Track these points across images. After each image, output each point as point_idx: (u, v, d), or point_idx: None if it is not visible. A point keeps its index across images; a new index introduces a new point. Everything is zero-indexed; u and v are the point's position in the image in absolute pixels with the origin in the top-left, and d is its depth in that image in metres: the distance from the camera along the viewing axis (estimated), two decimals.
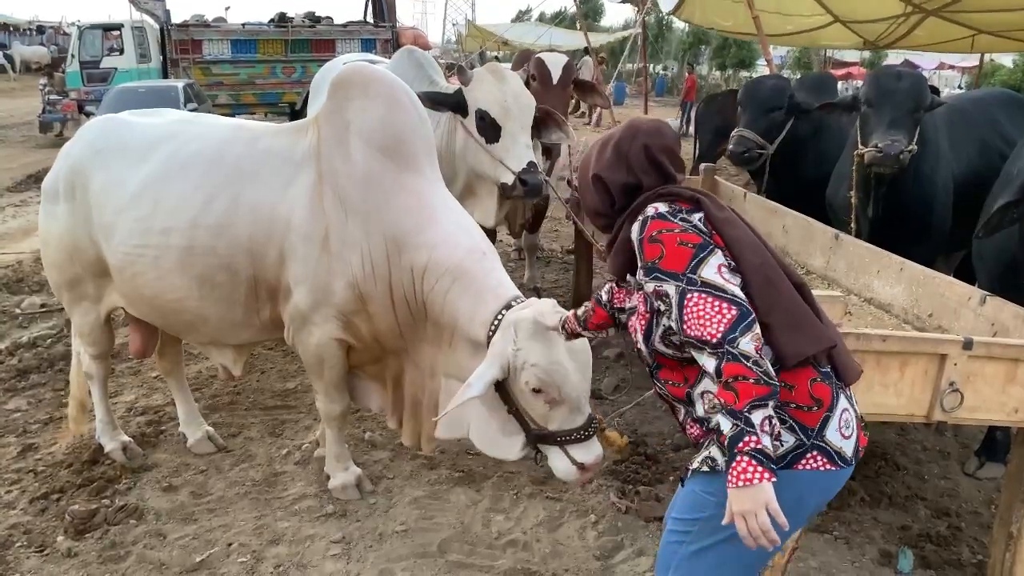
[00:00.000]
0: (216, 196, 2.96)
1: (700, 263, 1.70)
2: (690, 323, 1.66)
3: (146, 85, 13.46)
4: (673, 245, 1.73)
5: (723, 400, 1.60)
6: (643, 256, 1.77)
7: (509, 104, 3.78)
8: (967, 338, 2.42)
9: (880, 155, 3.66)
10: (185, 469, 3.54)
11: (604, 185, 1.94)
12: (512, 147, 3.74)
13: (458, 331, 2.74)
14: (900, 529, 3.15)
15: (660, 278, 1.73)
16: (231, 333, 3.16)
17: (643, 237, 1.77)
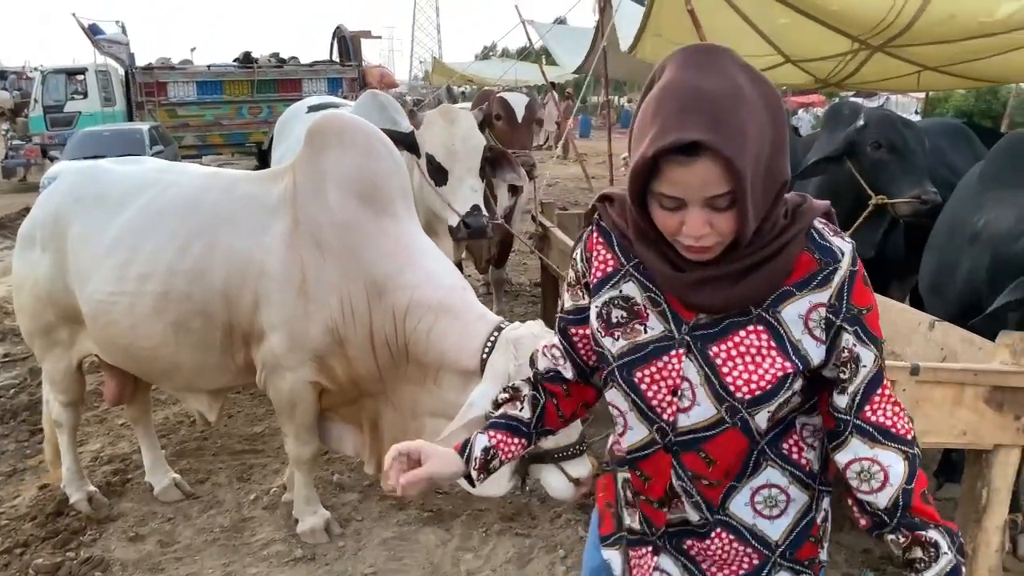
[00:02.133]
0: (192, 242, 3.00)
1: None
2: (882, 407, 1.29)
3: (111, 129, 13.44)
4: (876, 304, 1.31)
5: (927, 516, 1.29)
6: (850, 296, 1.27)
7: (456, 147, 3.87)
8: (914, 364, 2.50)
9: (925, 207, 3.65)
10: (152, 518, 3.51)
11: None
12: (458, 190, 3.83)
13: (445, 367, 2.79)
14: (862, 552, 3.21)
15: (862, 337, 1.28)
16: (207, 378, 3.17)
17: (857, 270, 1.28)
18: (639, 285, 1.37)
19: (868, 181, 3.82)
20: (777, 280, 1.27)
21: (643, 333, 1.36)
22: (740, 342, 1.29)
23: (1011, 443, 2.60)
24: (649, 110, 1.20)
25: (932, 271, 3.52)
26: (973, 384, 2.54)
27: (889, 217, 3.92)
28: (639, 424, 1.39)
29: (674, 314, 1.34)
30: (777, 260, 1.26)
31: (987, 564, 2.69)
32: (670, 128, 1.15)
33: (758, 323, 1.29)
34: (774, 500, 1.39)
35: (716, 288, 1.28)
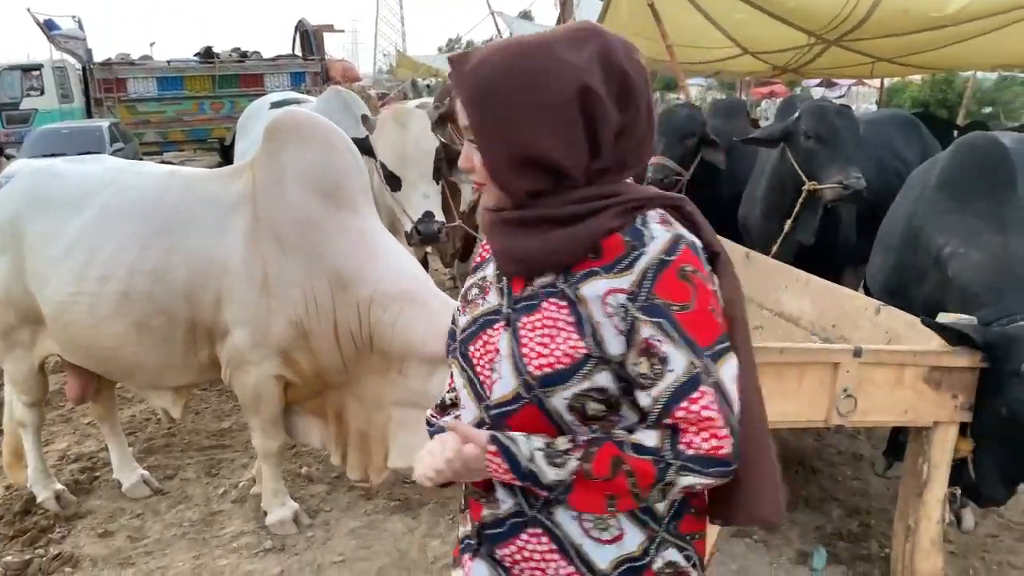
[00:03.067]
0: (152, 243, 3.02)
1: (722, 355, 1.21)
2: (688, 423, 1.19)
3: (69, 126, 13.25)
4: (705, 306, 1.20)
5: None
6: (654, 285, 1.19)
7: (408, 153, 3.87)
8: (857, 347, 2.63)
9: (847, 192, 3.79)
10: (121, 514, 3.54)
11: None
12: (411, 196, 3.86)
13: (410, 356, 2.86)
14: (815, 529, 3.34)
15: (669, 334, 1.18)
16: (170, 376, 3.20)
17: (671, 261, 1.19)
18: (495, 264, 1.34)
19: (803, 169, 3.99)
20: (576, 248, 1.23)
21: (479, 307, 1.34)
22: (543, 316, 1.24)
23: (949, 420, 2.73)
24: None
25: (888, 273, 3.57)
26: (913, 365, 2.67)
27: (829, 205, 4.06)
28: (471, 403, 1.34)
29: (508, 289, 1.31)
30: (577, 227, 1.22)
31: (929, 536, 2.83)
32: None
33: (562, 299, 1.23)
34: (604, 522, 1.26)
35: (503, 234, 1.29)
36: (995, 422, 2.63)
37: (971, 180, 3.19)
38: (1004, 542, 3.31)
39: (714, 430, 1.18)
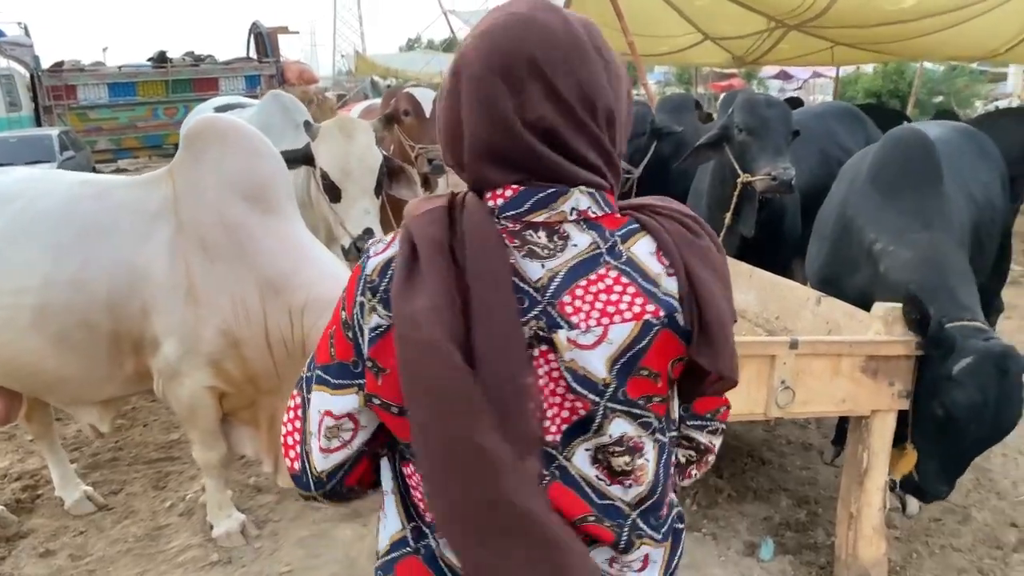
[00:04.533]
0: (69, 253, 2.93)
1: (312, 383, 1.16)
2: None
3: (17, 135, 12.93)
4: (327, 327, 1.18)
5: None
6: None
7: (351, 166, 3.71)
8: (793, 339, 2.65)
9: (776, 183, 3.80)
10: (64, 532, 3.46)
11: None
12: (351, 210, 3.69)
13: None
14: (763, 520, 3.36)
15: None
16: (94, 390, 3.12)
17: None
18: None
19: (738, 162, 4.03)
20: None
21: None
22: None
23: (887, 408, 2.77)
24: None
25: (823, 263, 3.62)
26: (849, 355, 2.70)
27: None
28: None
29: None
30: None
31: (871, 523, 2.87)
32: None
33: None
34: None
35: None
36: (932, 423, 2.68)
37: (898, 174, 3.25)
38: (947, 525, 3.37)
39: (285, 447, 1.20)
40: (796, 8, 8.50)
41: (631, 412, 1.07)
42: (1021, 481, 3.75)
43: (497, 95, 1.02)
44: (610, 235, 1.06)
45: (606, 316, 1.03)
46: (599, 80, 1.05)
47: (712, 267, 1.08)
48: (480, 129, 1.04)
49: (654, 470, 1.11)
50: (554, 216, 1.05)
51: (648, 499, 1.12)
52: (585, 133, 1.05)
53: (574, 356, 1.03)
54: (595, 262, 1.04)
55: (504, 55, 1.02)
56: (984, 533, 3.32)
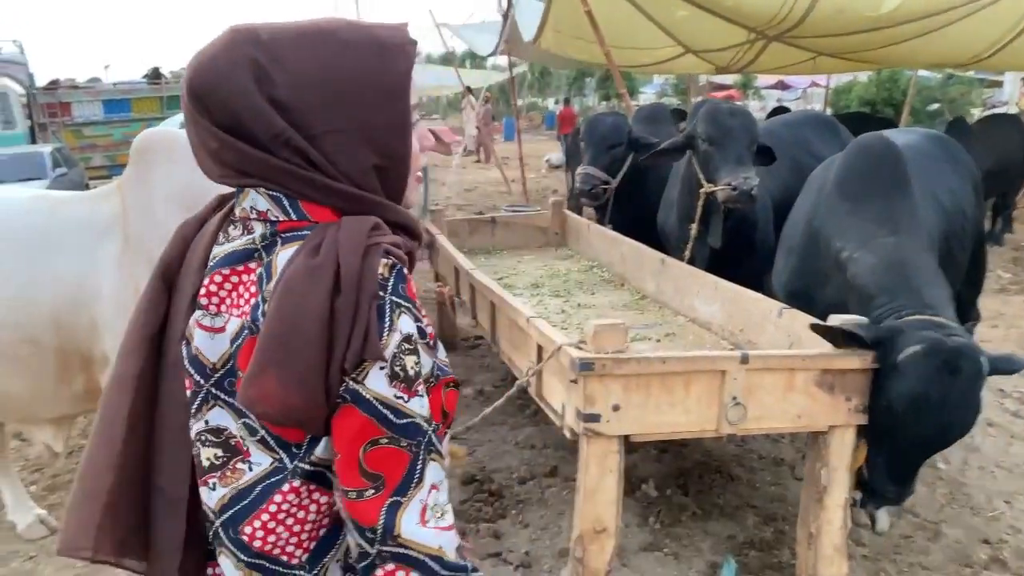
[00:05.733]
0: (14, 269, 2.88)
1: None
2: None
3: (9, 152, 12.93)
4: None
5: None
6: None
7: None
8: (743, 353, 2.57)
9: (735, 193, 3.77)
10: (13, 557, 3.38)
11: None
12: None
13: None
14: (727, 539, 3.27)
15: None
16: (42, 408, 3.06)
17: None
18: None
19: (702, 172, 3.98)
20: None
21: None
22: None
23: (845, 423, 2.68)
24: None
25: (792, 276, 3.54)
26: (803, 369, 2.62)
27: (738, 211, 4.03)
28: None
29: None
30: None
31: (831, 543, 2.77)
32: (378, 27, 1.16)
33: None
34: None
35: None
36: (880, 419, 2.59)
37: (864, 182, 3.18)
38: (917, 543, 3.27)
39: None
40: (773, 19, 8.46)
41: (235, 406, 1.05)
42: (996, 495, 3.65)
43: None
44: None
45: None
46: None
47: (297, 287, 0.98)
48: None
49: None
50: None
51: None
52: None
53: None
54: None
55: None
56: (955, 550, 3.23)
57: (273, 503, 1.04)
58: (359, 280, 0.98)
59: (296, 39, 1.03)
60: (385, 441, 0.98)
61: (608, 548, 2.61)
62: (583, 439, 2.54)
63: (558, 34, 10.62)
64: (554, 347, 2.66)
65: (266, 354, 0.97)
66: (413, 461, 1.00)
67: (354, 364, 0.97)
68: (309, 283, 0.98)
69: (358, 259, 0.99)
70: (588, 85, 37.74)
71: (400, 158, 1.09)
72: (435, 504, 1.02)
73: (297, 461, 1.03)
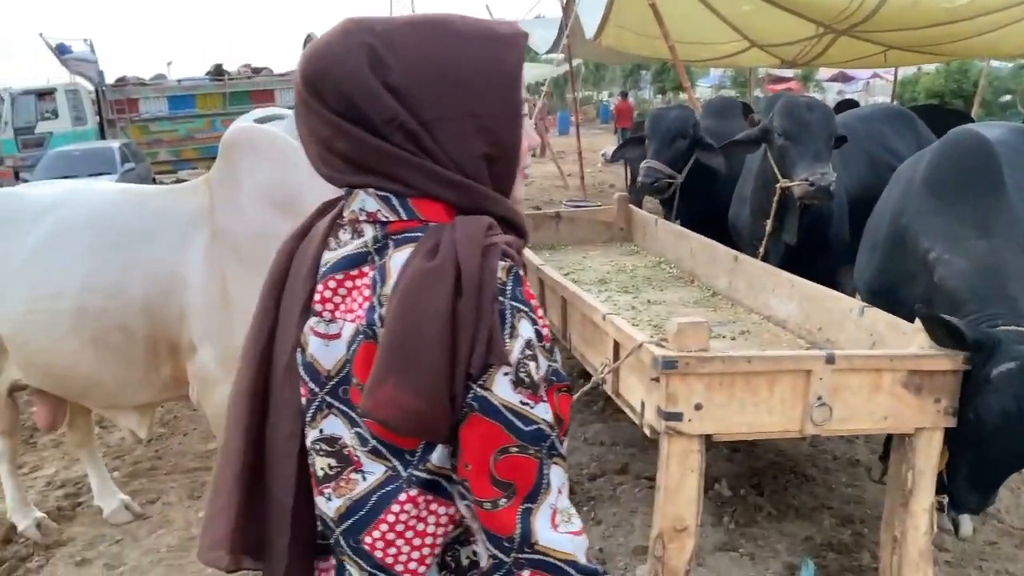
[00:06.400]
0: (107, 258, 3.00)
1: None
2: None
3: (81, 148, 13.38)
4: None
5: None
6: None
7: None
8: (829, 353, 2.52)
9: (813, 189, 3.71)
10: (100, 541, 3.51)
11: None
12: None
13: None
14: (804, 540, 3.23)
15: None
16: (130, 394, 3.17)
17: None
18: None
19: (778, 167, 3.91)
20: None
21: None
22: None
23: (932, 426, 2.61)
24: None
25: (875, 274, 3.46)
26: (890, 369, 2.56)
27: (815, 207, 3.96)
28: None
29: None
30: None
31: (916, 547, 2.70)
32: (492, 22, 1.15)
33: None
34: None
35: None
36: (967, 429, 2.52)
37: (956, 180, 3.06)
38: (1003, 549, 3.19)
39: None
40: (843, 11, 8.26)
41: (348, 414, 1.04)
42: None
43: None
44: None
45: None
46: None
47: (416, 291, 0.97)
48: None
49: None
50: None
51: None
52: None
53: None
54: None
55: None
56: None
57: (391, 513, 1.02)
58: (480, 282, 0.96)
59: (410, 28, 1.02)
60: (515, 449, 0.97)
61: (688, 547, 2.59)
62: (664, 438, 2.52)
63: (620, 30, 10.55)
64: (634, 344, 2.64)
65: (388, 361, 0.96)
66: (541, 467, 0.98)
67: (480, 369, 0.95)
68: (429, 286, 0.96)
69: (477, 260, 0.97)
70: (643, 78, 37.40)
71: (511, 148, 1.07)
72: (563, 508, 1.00)
73: (412, 469, 1.02)
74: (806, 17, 9.29)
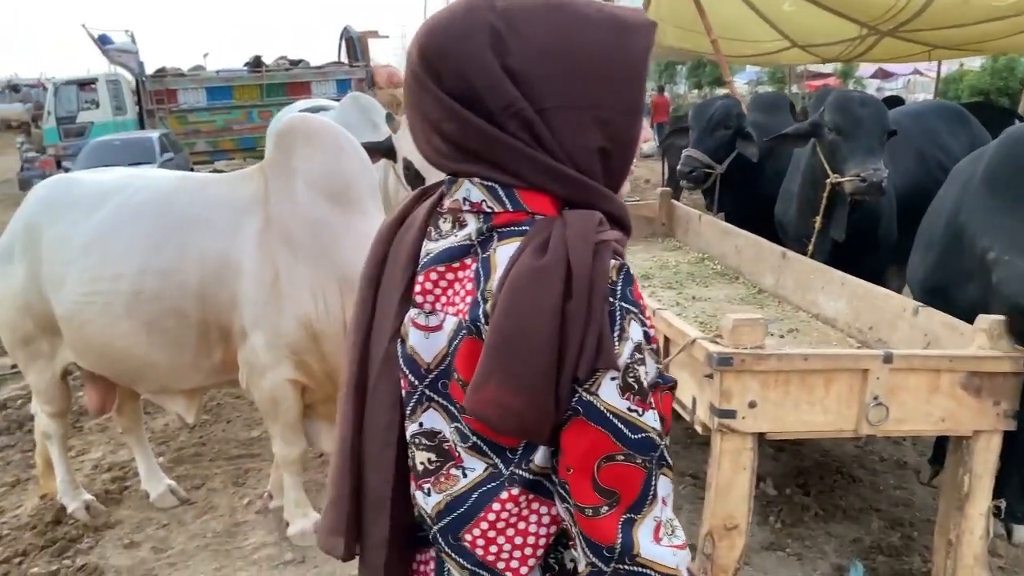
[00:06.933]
0: (164, 242, 3.05)
1: None
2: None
3: (121, 138, 13.56)
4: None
5: None
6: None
7: None
8: (887, 352, 2.48)
9: (864, 184, 3.66)
10: (147, 524, 3.56)
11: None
12: None
13: None
14: (852, 542, 3.18)
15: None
16: (181, 378, 3.21)
17: None
18: None
19: (828, 163, 3.87)
20: None
21: None
22: None
23: (991, 428, 2.57)
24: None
25: (928, 272, 3.40)
26: (949, 370, 2.51)
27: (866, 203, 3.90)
28: None
29: None
30: None
31: (972, 552, 2.66)
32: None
33: None
34: None
35: None
36: (1020, 434, 2.46)
37: (1017, 179, 2.99)
38: None
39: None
40: (889, 10, 8.10)
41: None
42: None
43: None
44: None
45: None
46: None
47: (525, 289, 0.93)
48: None
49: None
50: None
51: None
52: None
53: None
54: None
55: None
56: None
57: (492, 511, 1.00)
58: (591, 282, 0.91)
59: (533, 9, 0.97)
60: (621, 458, 0.93)
61: (738, 545, 2.56)
62: (716, 435, 2.49)
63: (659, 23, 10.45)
64: (687, 340, 2.62)
65: (493, 360, 0.92)
66: (648, 477, 0.94)
67: (587, 373, 0.92)
68: (538, 284, 0.92)
69: (589, 259, 0.92)
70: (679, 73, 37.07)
71: (628, 143, 1.02)
72: (668, 520, 0.97)
73: (513, 467, 0.99)
74: (849, 17, 9.13)
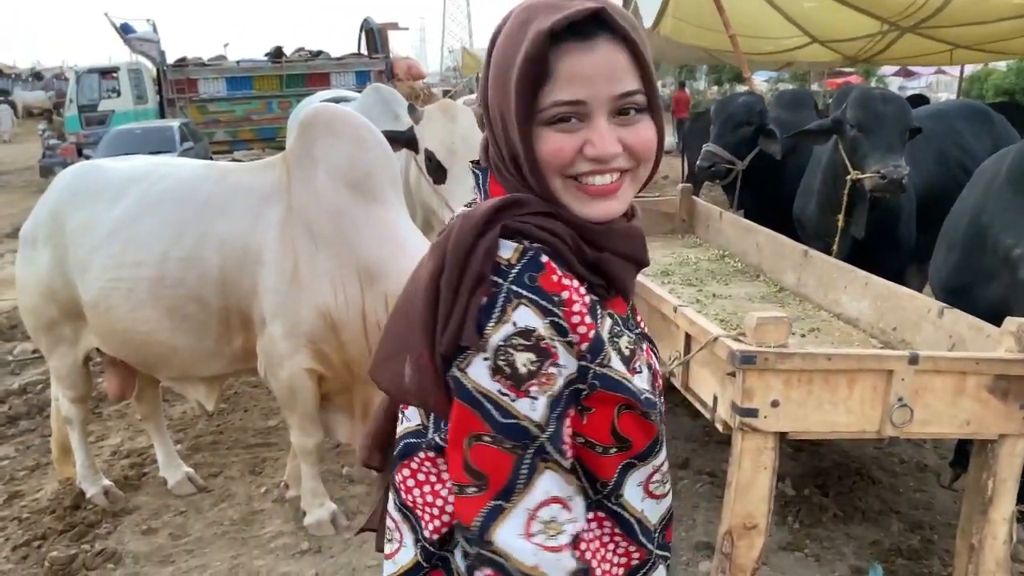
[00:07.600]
0: (186, 230, 3.07)
1: None
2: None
3: (142, 126, 13.66)
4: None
5: None
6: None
7: (456, 145, 3.75)
8: (912, 353, 2.44)
9: (884, 181, 3.64)
10: (165, 511, 3.58)
11: None
12: (457, 190, 3.70)
13: None
14: (872, 544, 3.15)
15: None
16: (202, 365, 3.23)
17: None
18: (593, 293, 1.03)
19: (849, 159, 3.85)
20: None
21: (639, 347, 1.10)
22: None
23: (1017, 432, 2.53)
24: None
25: (951, 271, 3.37)
26: (975, 373, 2.48)
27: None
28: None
29: (623, 316, 1.12)
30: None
31: (994, 557, 2.63)
32: (563, 6, 0.95)
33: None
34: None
35: (641, 246, 1.11)
36: None
37: None
38: None
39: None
40: (910, 6, 8.01)
41: None
42: None
43: None
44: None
45: None
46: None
47: (420, 264, 1.04)
48: None
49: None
50: None
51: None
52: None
53: None
54: None
55: None
56: None
57: (415, 460, 1.08)
58: (465, 259, 0.93)
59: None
60: (488, 439, 0.93)
61: (757, 545, 2.54)
62: (737, 434, 2.47)
63: (678, 21, 10.39)
64: (709, 338, 2.60)
65: (387, 328, 1.08)
66: (517, 465, 0.93)
67: (449, 348, 0.94)
68: (426, 260, 1.00)
69: (469, 238, 0.94)
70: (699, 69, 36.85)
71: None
72: (551, 519, 0.94)
73: (434, 433, 1.04)
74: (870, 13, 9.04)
